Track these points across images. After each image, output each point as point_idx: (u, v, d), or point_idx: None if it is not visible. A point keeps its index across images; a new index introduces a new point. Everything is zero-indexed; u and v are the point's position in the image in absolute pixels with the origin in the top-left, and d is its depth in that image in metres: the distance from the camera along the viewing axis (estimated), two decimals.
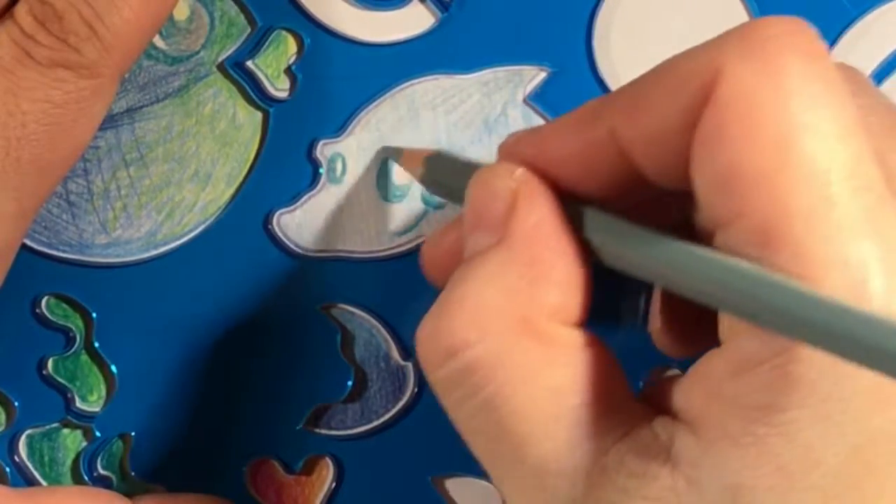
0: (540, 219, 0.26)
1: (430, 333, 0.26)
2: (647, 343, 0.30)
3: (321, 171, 0.33)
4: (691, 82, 0.24)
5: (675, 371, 0.33)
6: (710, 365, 0.24)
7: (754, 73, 0.23)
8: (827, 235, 0.23)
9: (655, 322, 0.30)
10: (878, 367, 0.21)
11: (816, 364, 0.23)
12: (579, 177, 0.26)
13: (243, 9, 0.32)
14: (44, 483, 0.33)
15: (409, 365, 0.33)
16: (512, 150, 0.27)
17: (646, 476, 0.24)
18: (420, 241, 0.33)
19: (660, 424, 0.25)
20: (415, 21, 0.33)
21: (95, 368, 0.33)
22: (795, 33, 0.24)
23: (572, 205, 0.26)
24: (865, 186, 0.23)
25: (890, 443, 0.23)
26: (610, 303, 0.32)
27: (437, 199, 0.33)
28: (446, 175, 0.30)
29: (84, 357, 0.33)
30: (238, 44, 0.32)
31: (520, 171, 0.27)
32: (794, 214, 0.23)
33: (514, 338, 0.25)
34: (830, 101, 0.23)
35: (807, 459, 0.23)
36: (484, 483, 0.33)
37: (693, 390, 0.25)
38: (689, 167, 0.24)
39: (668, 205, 0.27)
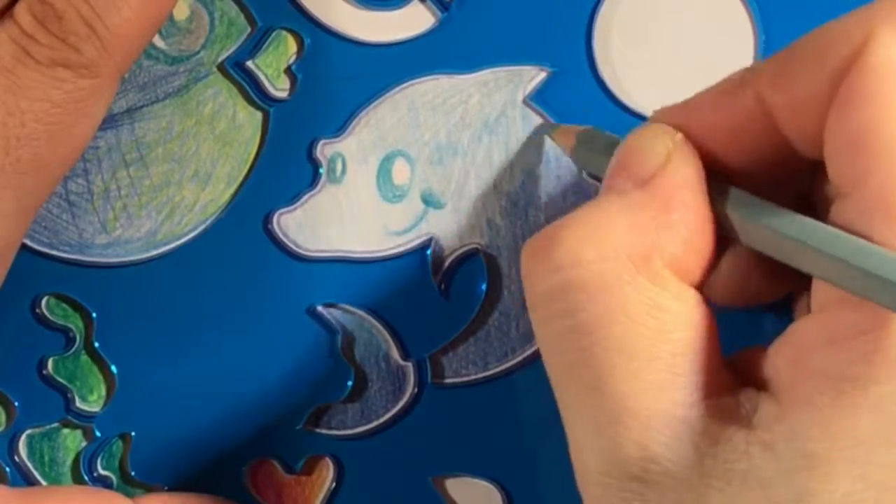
0: (686, 180, 0.26)
1: (545, 242, 0.26)
2: None
3: (321, 171, 0.33)
4: (840, 46, 0.24)
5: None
6: (802, 333, 0.24)
7: None
8: None
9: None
10: None
11: None
12: (725, 147, 0.27)
13: (243, 9, 0.32)
14: (44, 483, 0.33)
15: (409, 365, 0.33)
16: (664, 118, 0.27)
17: (719, 438, 0.24)
18: (420, 241, 0.33)
19: (745, 394, 0.25)
20: (415, 21, 0.33)
21: (95, 368, 0.33)
22: None
23: (718, 181, 0.26)
24: None
25: None
26: None
27: (437, 199, 0.33)
28: (597, 150, 0.30)
29: (84, 357, 0.33)
30: (238, 44, 0.32)
31: (679, 136, 0.27)
32: None
33: (631, 269, 0.25)
34: None
35: (889, 435, 0.23)
36: (484, 483, 0.33)
37: (781, 358, 0.25)
38: (824, 130, 0.24)
39: (805, 179, 0.27)
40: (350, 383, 0.33)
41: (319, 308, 0.33)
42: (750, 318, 0.30)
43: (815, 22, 0.33)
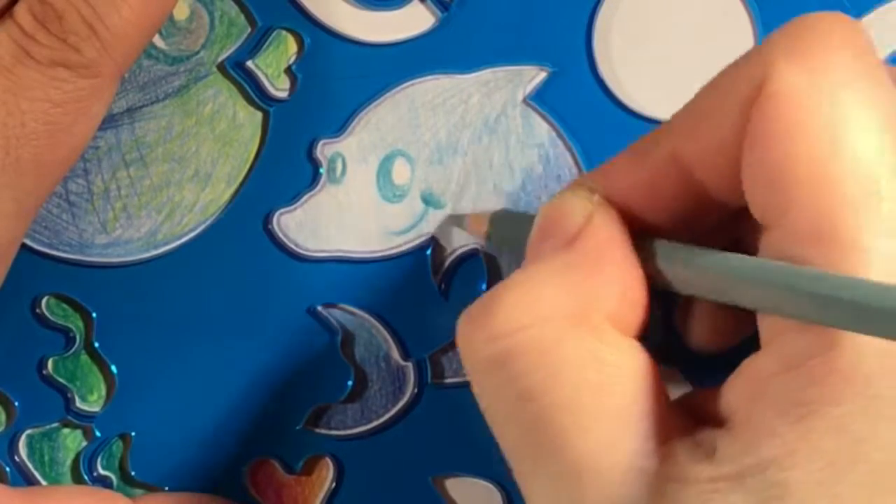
0: (611, 237, 0.26)
1: (481, 313, 0.26)
2: None
3: (321, 171, 0.33)
4: (742, 85, 0.24)
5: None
6: (754, 367, 0.24)
7: (801, 70, 0.23)
8: (877, 229, 0.23)
9: (684, 320, 0.30)
10: None
11: (867, 360, 0.22)
12: (646, 206, 0.27)
13: (243, 9, 0.32)
14: (44, 483, 0.33)
15: (409, 365, 0.33)
16: (584, 184, 0.28)
17: (686, 480, 0.24)
18: (420, 241, 0.33)
19: (700, 434, 0.25)
20: (415, 21, 0.33)
21: (95, 368, 0.33)
22: (842, 28, 0.24)
23: (641, 236, 0.27)
24: None
25: None
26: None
27: (437, 199, 0.33)
28: (512, 230, 0.30)
29: (84, 357, 0.33)
30: (238, 44, 0.32)
31: (598, 197, 0.27)
32: (844, 208, 0.23)
33: (567, 328, 0.25)
34: (877, 95, 0.23)
35: (856, 454, 0.23)
36: (484, 483, 0.33)
37: (736, 394, 0.25)
38: (741, 169, 0.24)
39: (728, 231, 0.27)
40: (350, 383, 0.33)
41: (319, 308, 0.33)
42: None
43: None
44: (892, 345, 0.22)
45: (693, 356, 0.30)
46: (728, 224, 0.27)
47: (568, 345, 0.25)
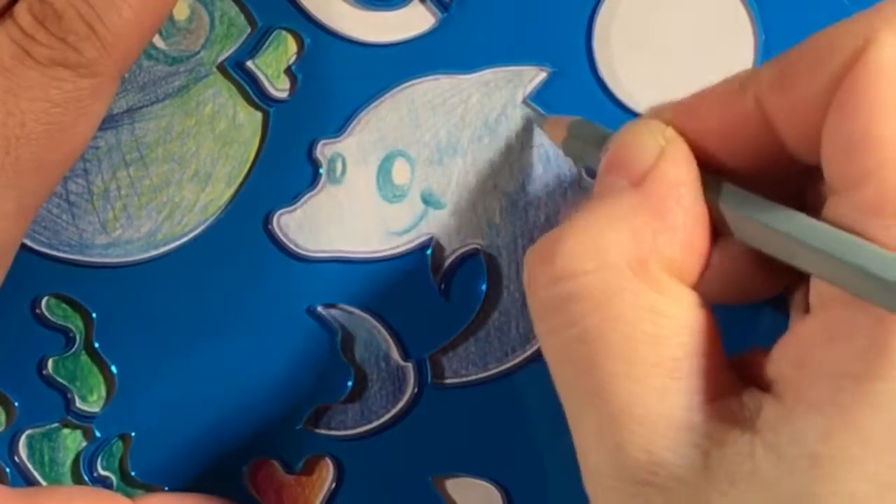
0: (680, 178, 0.26)
1: (545, 253, 0.26)
2: None
3: (321, 171, 0.33)
4: (841, 49, 0.24)
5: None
6: (802, 332, 0.25)
7: None
8: None
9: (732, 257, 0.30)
10: None
11: None
12: (721, 148, 0.27)
13: (243, 9, 0.32)
14: (44, 483, 0.33)
15: (409, 365, 0.33)
16: (660, 116, 0.28)
17: (724, 441, 0.24)
18: (420, 241, 0.33)
19: (749, 395, 0.25)
20: (415, 21, 0.33)
21: (95, 368, 0.33)
22: None
23: (711, 177, 0.27)
24: None
25: None
26: None
27: (437, 199, 0.33)
28: (588, 142, 0.30)
29: (84, 357, 0.33)
30: (238, 44, 0.32)
31: (670, 132, 0.27)
32: None
33: (629, 276, 0.25)
34: None
35: (891, 435, 0.23)
36: (484, 483, 0.33)
37: (783, 357, 0.25)
38: (822, 131, 0.24)
39: (804, 183, 0.27)
40: (350, 383, 0.33)
41: (319, 308, 0.33)
42: (748, 313, 0.30)
43: (815, 22, 0.33)
44: None
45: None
46: (797, 179, 0.27)
47: (626, 294, 0.25)
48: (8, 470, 0.33)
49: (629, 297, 0.25)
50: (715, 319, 0.26)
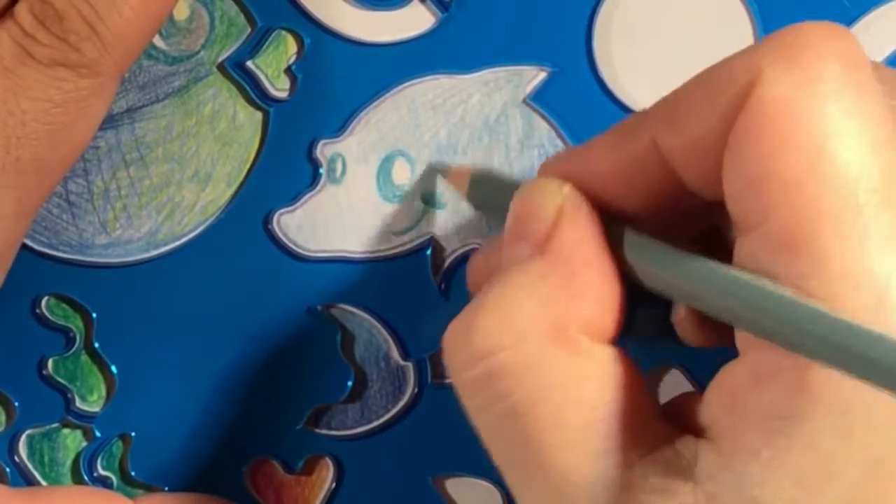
0: (582, 236, 0.26)
1: (462, 334, 0.26)
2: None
3: (321, 171, 0.33)
4: (730, 87, 0.24)
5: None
6: (730, 376, 0.24)
7: (790, 78, 0.23)
8: (851, 245, 0.22)
9: (680, 312, 0.30)
10: (890, 387, 0.21)
11: (836, 375, 0.22)
12: (620, 192, 0.27)
13: (243, 9, 0.32)
14: (44, 483, 0.33)
15: (409, 365, 0.33)
16: (554, 168, 0.28)
17: (667, 492, 0.24)
18: (420, 240, 0.33)
19: (683, 443, 0.25)
20: (415, 21, 0.33)
21: (95, 368, 0.33)
22: (834, 40, 0.24)
23: (613, 224, 0.27)
24: (894, 198, 0.23)
25: None
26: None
27: (437, 199, 0.33)
28: (491, 192, 0.30)
29: (84, 357, 0.33)
30: (238, 44, 0.32)
31: (567, 188, 0.27)
32: (820, 220, 0.23)
33: (548, 346, 0.25)
34: (865, 110, 0.23)
35: (827, 471, 0.23)
36: (484, 483, 0.33)
37: (714, 404, 0.25)
38: (722, 171, 0.24)
39: (703, 218, 0.27)
40: (350, 383, 0.33)
41: (319, 308, 0.33)
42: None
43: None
44: None
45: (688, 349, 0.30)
46: (704, 212, 0.27)
47: (547, 364, 0.25)
48: (8, 470, 0.33)
49: (551, 367, 0.25)
50: (639, 371, 0.26)
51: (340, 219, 0.33)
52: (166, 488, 0.33)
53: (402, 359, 0.33)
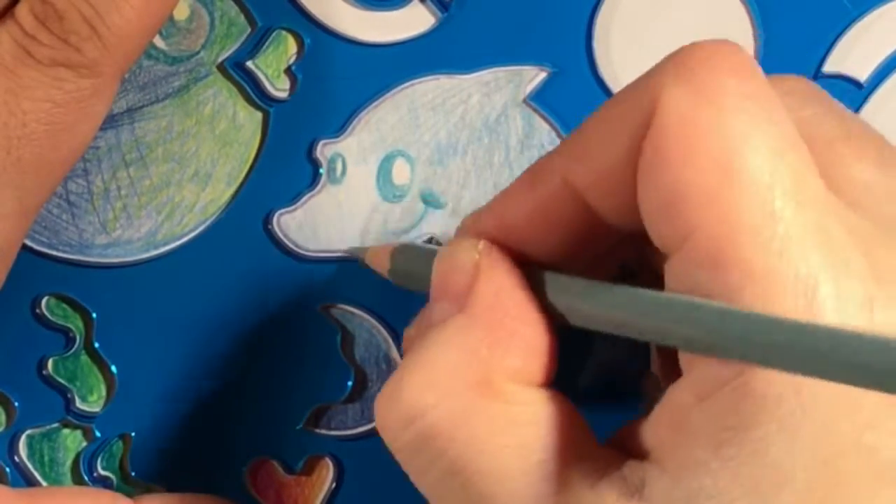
0: (501, 287, 0.26)
1: (388, 402, 0.26)
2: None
3: (321, 171, 0.33)
4: (632, 112, 0.24)
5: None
6: (674, 396, 0.24)
7: (689, 95, 0.23)
8: (774, 250, 0.22)
9: (656, 367, 0.30)
10: (834, 377, 0.21)
11: (778, 379, 0.22)
12: (540, 237, 0.27)
13: (243, 9, 0.32)
14: (44, 483, 0.33)
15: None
16: (471, 226, 0.28)
17: None
18: (420, 241, 0.33)
19: (629, 468, 0.25)
20: (415, 21, 0.33)
21: (95, 368, 0.33)
22: (727, 54, 0.24)
23: (534, 270, 0.26)
24: (810, 200, 0.23)
25: (859, 453, 0.23)
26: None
27: (437, 199, 0.33)
28: (413, 265, 0.30)
29: (84, 357, 0.33)
30: (238, 44, 0.32)
31: (482, 244, 0.27)
32: (741, 231, 0.23)
33: (473, 398, 0.25)
34: (767, 117, 0.23)
35: (777, 477, 0.23)
36: None
37: (659, 425, 0.25)
38: (637, 197, 0.24)
39: (631, 249, 0.27)
40: (350, 383, 0.33)
41: (319, 308, 0.33)
42: None
43: (815, 22, 0.33)
44: None
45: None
46: (630, 244, 0.27)
47: (476, 415, 0.25)
48: (8, 470, 0.33)
49: (480, 419, 0.25)
50: (573, 407, 0.26)
51: (340, 219, 0.33)
52: (166, 488, 0.33)
53: (402, 359, 0.33)
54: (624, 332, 0.25)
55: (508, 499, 0.25)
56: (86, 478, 0.33)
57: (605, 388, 0.31)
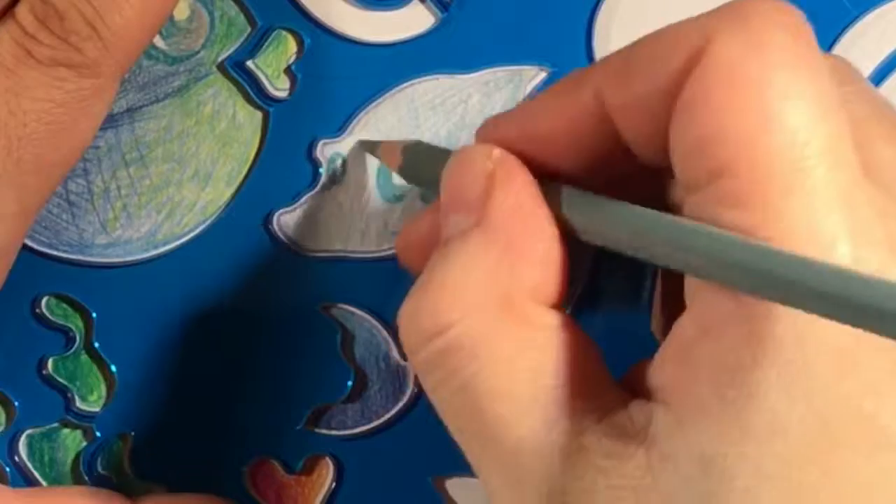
0: (517, 200, 0.26)
1: (411, 315, 0.26)
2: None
3: (321, 171, 0.33)
4: (680, 49, 0.24)
5: None
6: (678, 331, 0.25)
7: (741, 43, 0.24)
8: (800, 203, 0.23)
9: (656, 306, 0.30)
10: (845, 319, 0.21)
11: (782, 324, 0.23)
12: (561, 151, 0.27)
13: (243, 9, 0.32)
14: (44, 483, 0.33)
15: (409, 365, 0.33)
16: (490, 131, 0.28)
17: (622, 456, 0.24)
18: None
19: (636, 406, 0.25)
20: (415, 21, 0.33)
21: (95, 368, 0.33)
22: (785, 11, 0.24)
23: (549, 183, 0.26)
24: (841, 164, 0.23)
25: (858, 417, 0.23)
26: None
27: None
28: (424, 164, 0.30)
29: (84, 357, 0.33)
30: (238, 44, 0.32)
31: (497, 152, 0.27)
32: (771, 178, 0.23)
33: (495, 318, 0.25)
34: (813, 78, 0.24)
35: (773, 424, 0.23)
36: None
37: (665, 361, 0.25)
38: (669, 131, 0.24)
39: (644, 183, 0.27)
40: (350, 383, 0.33)
41: (319, 308, 0.33)
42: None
43: (815, 22, 0.33)
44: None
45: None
46: (646, 179, 0.27)
47: (496, 336, 0.25)
48: (8, 470, 0.33)
49: (500, 339, 0.25)
50: (589, 338, 0.26)
51: (340, 219, 0.33)
52: (166, 488, 0.33)
53: (403, 359, 0.33)
54: (639, 252, 0.25)
55: (518, 420, 0.25)
56: (86, 478, 0.33)
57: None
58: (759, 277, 0.22)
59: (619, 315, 0.32)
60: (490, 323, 0.25)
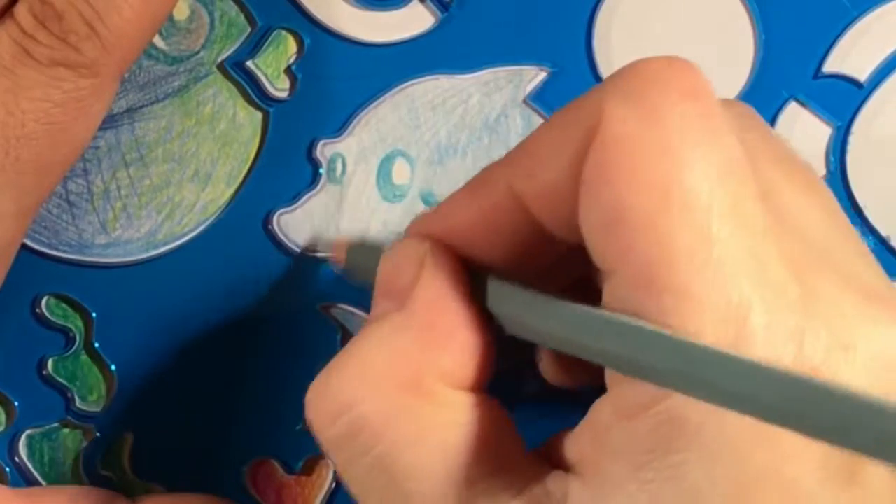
0: (441, 288, 0.26)
1: (319, 393, 0.26)
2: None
3: (321, 171, 0.33)
4: (577, 128, 0.24)
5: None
6: (598, 412, 0.24)
7: (634, 114, 0.23)
8: (708, 275, 0.22)
9: (542, 355, 0.30)
10: (753, 412, 0.21)
11: (700, 405, 0.22)
12: (485, 243, 0.27)
13: (243, 9, 0.32)
14: (44, 483, 0.33)
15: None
16: (420, 227, 0.28)
17: None
18: None
19: (553, 480, 0.25)
20: (415, 21, 0.33)
21: (95, 368, 0.33)
22: (677, 72, 0.24)
23: (477, 275, 0.27)
24: (746, 224, 0.23)
25: (777, 483, 0.22)
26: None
27: (437, 199, 0.33)
28: (365, 260, 0.30)
29: (84, 357, 0.33)
30: (238, 44, 0.32)
31: (427, 244, 0.27)
32: (676, 255, 0.22)
33: (402, 397, 0.25)
34: (711, 139, 0.23)
35: (692, 500, 0.22)
36: None
37: (583, 439, 0.25)
38: (578, 213, 0.24)
39: (581, 265, 0.27)
40: None
41: (319, 307, 0.33)
42: None
43: (815, 22, 0.33)
44: None
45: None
46: (574, 259, 0.27)
47: (401, 414, 0.25)
48: (8, 470, 0.33)
49: (408, 418, 0.25)
50: (504, 413, 0.26)
51: (340, 219, 0.33)
52: (166, 488, 0.33)
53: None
54: (554, 345, 0.25)
55: (430, 500, 0.25)
56: (86, 478, 0.33)
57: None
58: (667, 372, 0.22)
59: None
60: (396, 402, 0.25)
